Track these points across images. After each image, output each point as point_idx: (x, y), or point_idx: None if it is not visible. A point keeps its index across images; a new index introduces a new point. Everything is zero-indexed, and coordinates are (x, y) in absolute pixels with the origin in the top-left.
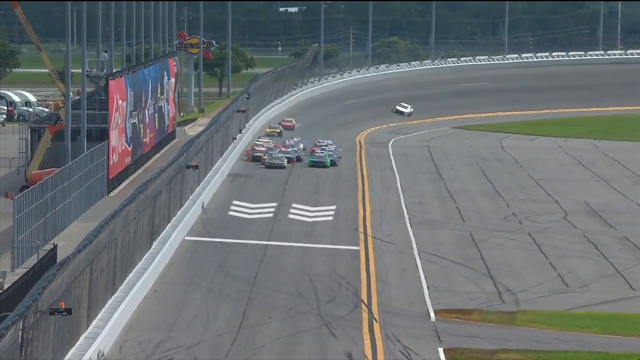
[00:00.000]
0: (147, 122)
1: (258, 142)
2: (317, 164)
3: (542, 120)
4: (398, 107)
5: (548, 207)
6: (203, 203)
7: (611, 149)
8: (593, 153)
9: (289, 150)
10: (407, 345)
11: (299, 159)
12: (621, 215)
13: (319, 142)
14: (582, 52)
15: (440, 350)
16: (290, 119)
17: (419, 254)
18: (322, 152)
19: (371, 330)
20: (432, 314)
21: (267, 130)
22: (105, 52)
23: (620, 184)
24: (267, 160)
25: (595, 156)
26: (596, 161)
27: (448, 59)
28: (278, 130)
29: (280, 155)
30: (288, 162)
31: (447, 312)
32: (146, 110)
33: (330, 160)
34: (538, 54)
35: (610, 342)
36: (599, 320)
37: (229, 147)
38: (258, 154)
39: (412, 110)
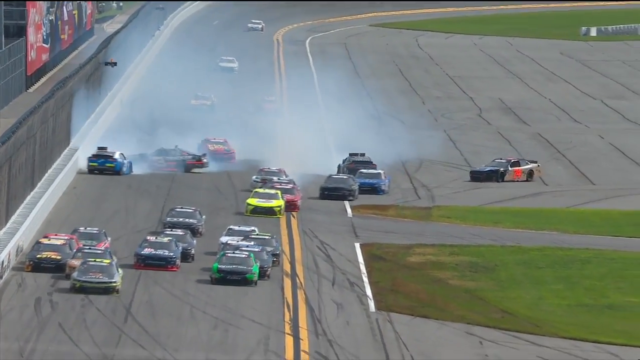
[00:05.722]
0: (66, 18)
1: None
2: (230, 276)
3: (458, 18)
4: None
5: (463, 104)
6: (122, 99)
7: (525, 47)
8: (507, 50)
9: (165, 240)
10: (324, 240)
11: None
12: (534, 112)
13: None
14: None
15: (357, 245)
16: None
17: (335, 153)
18: (241, 253)
19: (289, 226)
20: (349, 210)
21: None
22: None
23: (533, 81)
24: (75, 276)
25: (510, 54)
26: (510, 59)
27: None
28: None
29: (109, 267)
30: (152, 264)
31: (364, 208)
32: (64, 7)
33: (261, 267)
34: None
35: (523, 236)
36: (511, 215)
37: (148, 44)
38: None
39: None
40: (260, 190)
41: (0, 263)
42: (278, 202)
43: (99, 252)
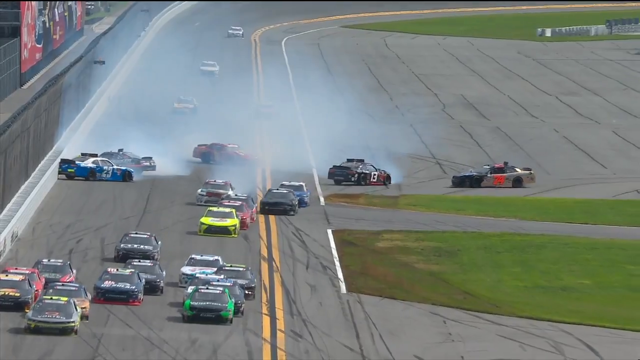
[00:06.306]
0: (57, 20)
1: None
2: (204, 314)
3: (423, 20)
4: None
5: (428, 100)
6: (109, 96)
7: (485, 47)
8: (469, 50)
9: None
10: (298, 227)
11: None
12: (494, 107)
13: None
14: None
15: (329, 231)
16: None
17: (310, 146)
18: (215, 288)
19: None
20: (321, 199)
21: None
22: None
23: (493, 79)
24: (29, 316)
25: (471, 53)
26: (472, 57)
27: None
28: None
29: (67, 306)
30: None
31: (336, 197)
32: (56, 9)
33: (235, 304)
34: None
35: (484, 223)
36: (473, 203)
37: (133, 44)
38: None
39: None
40: (214, 209)
41: None
42: (233, 221)
43: (72, 288)
